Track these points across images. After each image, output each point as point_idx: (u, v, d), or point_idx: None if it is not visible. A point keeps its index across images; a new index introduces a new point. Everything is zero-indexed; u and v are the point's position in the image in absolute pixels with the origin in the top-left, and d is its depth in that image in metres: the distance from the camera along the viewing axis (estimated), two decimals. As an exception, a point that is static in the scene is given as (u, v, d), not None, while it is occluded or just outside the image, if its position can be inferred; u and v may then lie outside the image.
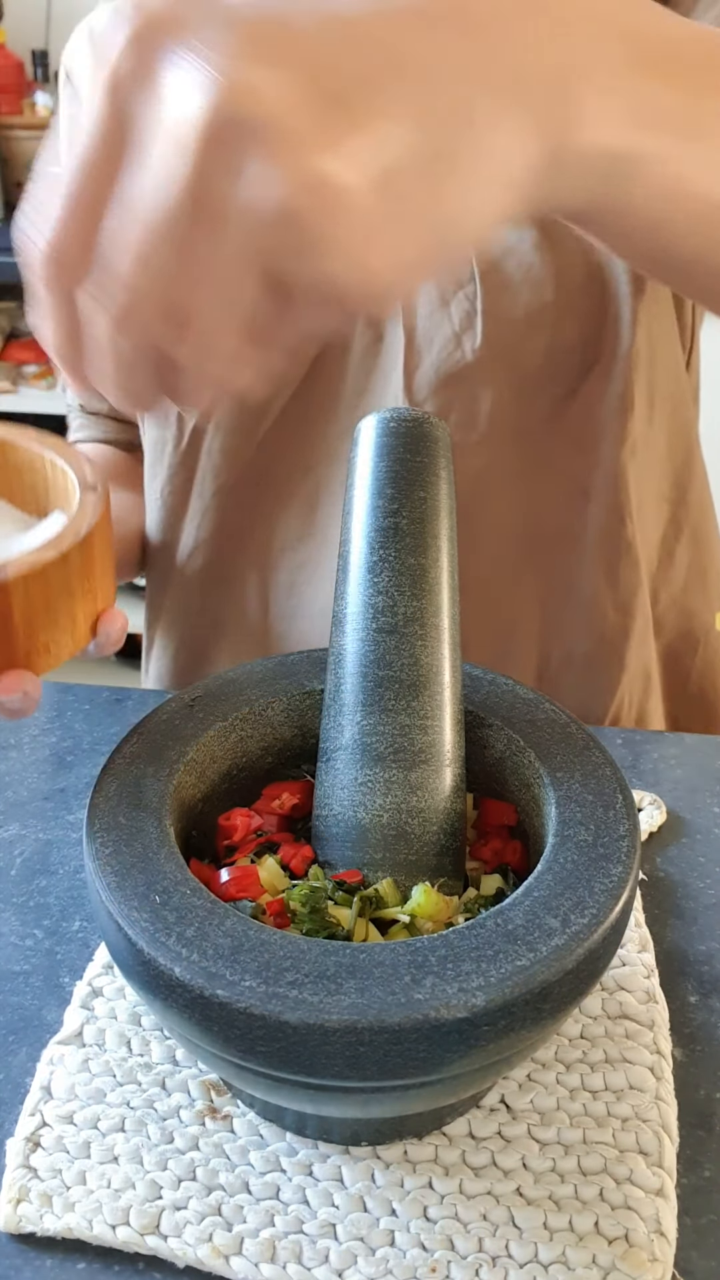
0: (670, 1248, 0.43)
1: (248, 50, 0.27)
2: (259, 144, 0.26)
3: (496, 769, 0.52)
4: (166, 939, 0.40)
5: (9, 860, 0.62)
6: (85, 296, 0.30)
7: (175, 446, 0.78)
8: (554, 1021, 0.40)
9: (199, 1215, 0.44)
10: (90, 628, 0.54)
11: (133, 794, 0.47)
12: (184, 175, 0.27)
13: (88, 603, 0.54)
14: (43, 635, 0.51)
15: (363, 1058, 0.37)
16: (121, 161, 0.29)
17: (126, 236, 0.28)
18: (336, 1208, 0.44)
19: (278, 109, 0.26)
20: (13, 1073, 0.50)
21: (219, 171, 0.27)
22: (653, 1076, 0.49)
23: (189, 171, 0.27)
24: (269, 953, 0.40)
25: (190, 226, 0.28)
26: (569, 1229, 0.43)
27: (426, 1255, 0.43)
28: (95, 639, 0.54)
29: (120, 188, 0.29)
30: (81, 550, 0.51)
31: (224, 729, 0.52)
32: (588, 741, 0.50)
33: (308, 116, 0.27)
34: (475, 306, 0.66)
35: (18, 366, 2.32)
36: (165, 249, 0.28)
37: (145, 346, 0.30)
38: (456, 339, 0.68)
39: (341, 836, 0.49)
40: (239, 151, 0.27)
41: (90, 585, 0.54)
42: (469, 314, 0.67)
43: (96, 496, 0.54)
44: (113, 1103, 0.48)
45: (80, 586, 0.53)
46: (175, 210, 0.27)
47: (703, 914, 0.59)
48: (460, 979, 0.38)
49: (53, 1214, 0.44)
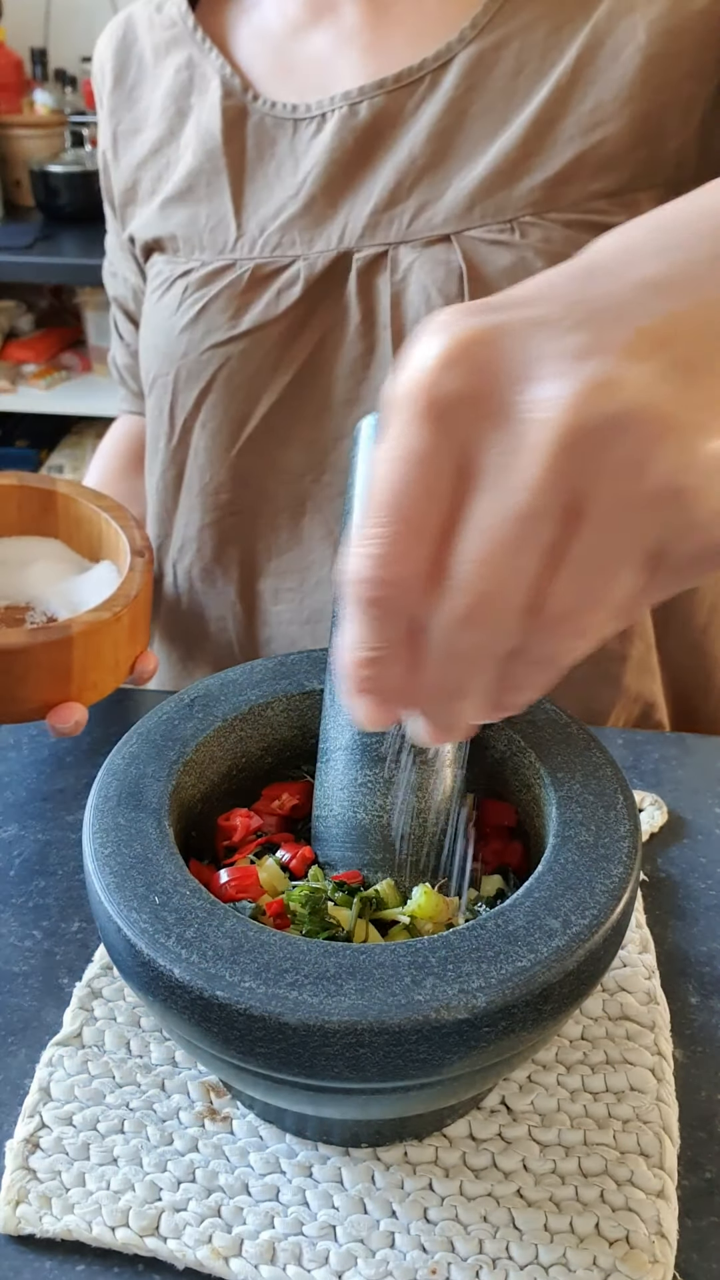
0: (671, 1249, 0.43)
1: (587, 344, 0.27)
2: (629, 435, 0.26)
3: (497, 769, 0.52)
4: (166, 940, 0.40)
5: (8, 861, 0.62)
6: (419, 616, 0.30)
7: (167, 443, 0.78)
8: (555, 1023, 0.40)
9: (198, 1217, 0.44)
10: (130, 668, 0.67)
11: (133, 794, 0.47)
12: (546, 482, 0.26)
13: (130, 649, 0.67)
14: (93, 675, 0.64)
15: (363, 1059, 0.37)
16: (463, 480, 0.28)
17: (483, 552, 0.28)
18: (336, 1209, 0.44)
19: (642, 397, 0.26)
20: (11, 1074, 0.50)
21: (585, 471, 0.26)
22: (654, 1078, 0.49)
23: (551, 478, 0.26)
24: (269, 954, 0.40)
25: (556, 529, 0.27)
26: (570, 1231, 0.43)
27: (426, 1257, 0.42)
28: (132, 675, 0.67)
29: (469, 507, 0.28)
30: (130, 610, 0.64)
31: (224, 729, 0.52)
32: (588, 742, 0.50)
33: (673, 396, 0.26)
34: None
35: (17, 366, 2.32)
36: (529, 555, 0.27)
37: (490, 644, 0.29)
38: None
39: (341, 837, 0.49)
40: (605, 446, 0.26)
41: (134, 637, 0.66)
42: None
43: (144, 561, 0.67)
44: (112, 1104, 0.48)
45: (126, 638, 0.65)
46: (539, 518, 0.27)
47: (704, 915, 0.59)
48: (461, 980, 0.38)
49: (52, 1216, 0.44)
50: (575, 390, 0.26)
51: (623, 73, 0.65)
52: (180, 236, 0.76)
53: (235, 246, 0.73)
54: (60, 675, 0.62)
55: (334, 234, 0.70)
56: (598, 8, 0.66)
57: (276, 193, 0.72)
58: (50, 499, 0.73)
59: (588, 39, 0.65)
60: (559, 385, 0.26)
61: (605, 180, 0.66)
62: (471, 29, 0.68)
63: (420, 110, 0.69)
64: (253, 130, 0.74)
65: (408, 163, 0.69)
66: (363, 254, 0.69)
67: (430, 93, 0.68)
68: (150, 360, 0.78)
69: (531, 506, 0.27)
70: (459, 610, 0.29)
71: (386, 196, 0.69)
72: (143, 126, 0.80)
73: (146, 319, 0.78)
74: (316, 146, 0.71)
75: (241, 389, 0.73)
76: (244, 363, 0.72)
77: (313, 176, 0.71)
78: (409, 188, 0.69)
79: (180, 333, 0.73)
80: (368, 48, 0.72)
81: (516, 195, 0.66)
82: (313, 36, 0.74)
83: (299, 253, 0.71)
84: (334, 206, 0.71)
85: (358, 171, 0.70)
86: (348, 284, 0.70)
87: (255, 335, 0.71)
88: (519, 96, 0.67)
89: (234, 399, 0.73)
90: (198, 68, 0.76)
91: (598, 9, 0.66)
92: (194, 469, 0.77)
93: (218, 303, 0.72)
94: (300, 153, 0.72)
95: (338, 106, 0.70)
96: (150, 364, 0.78)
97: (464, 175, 0.67)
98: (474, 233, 0.67)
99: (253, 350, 0.71)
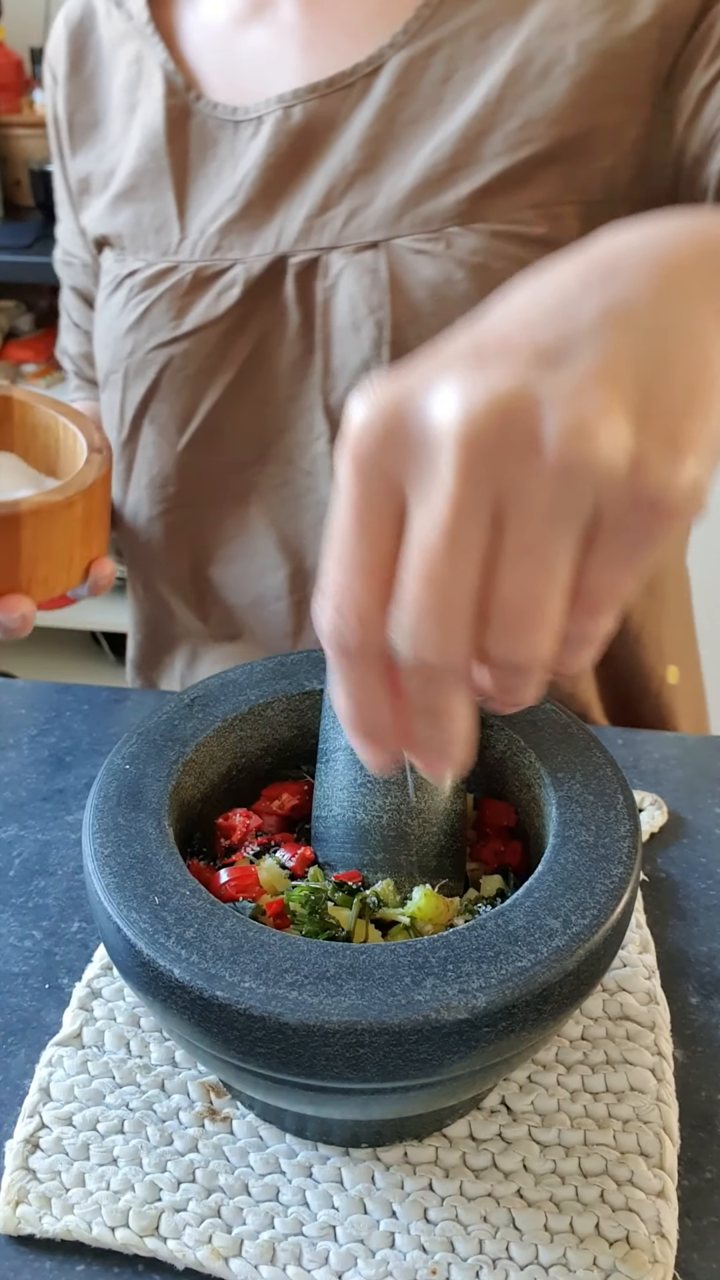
0: (671, 1249, 0.43)
1: (469, 372, 0.30)
2: (517, 422, 0.29)
3: (497, 769, 0.52)
4: (166, 940, 0.40)
5: (8, 861, 0.62)
6: (388, 651, 0.32)
7: (118, 436, 0.80)
8: (555, 1023, 0.40)
9: (198, 1217, 0.44)
10: (84, 571, 0.64)
11: (132, 794, 0.47)
12: (463, 489, 0.29)
13: (84, 548, 0.63)
14: (43, 568, 0.61)
15: (363, 1059, 0.37)
16: (400, 518, 0.31)
17: (421, 567, 0.30)
18: (336, 1209, 0.44)
19: (517, 388, 0.29)
20: (11, 1074, 0.50)
21: (494, 469, 0.29)
22: (654, 1078, 0.49)
23: (466, 483, 0.29)
24: (269, 954, 0.40)
25: (486, 532, 0.29)
26: (570, 1231, 0.43)
27: (427, 1257, 0.42)
28: (87, 581, 0.64)
29: (406, 534, 0.30)
30: (85, 499, 0.61)
31: (224, 729, 0.52)
32: (589, 742, 0.50)
33: (544, 379, 0.29)
34: (383, 333, 0.68)
35: (17, 366, 2.31)
36: (465, 561, 0.29)
37: (450, 655, 0.31)
38: (366, 364, 0.69)
39: (341, 837, 0.49)
40: (503, 439, 0.29)
41: (88, 533, 0.63)
42: (377, 340, 0.68)
43: (101, 457, 0.64)
44: (112, 1104, 0.48)
45: (80, 532, 0.62)
46: (466, 523, 0.29)
47: (704, 915, 0.59)
48: (461, 980, 0.38)
49: (51, 1216, 0.44)
50: (463, 403, 0.29)
51: (551, 93, 0.65)
52: (126, 235, 0.77)
53: (178, 248, 0.74)
54: (8, 559, 0.59)
55: (270, 238, 0.71)
56: (528, 19, 0.66)
57: (217, 194, 0.73)
58: (6, 406, 0.71)
59: (518, 55, 0.65)
60: (451, 405, 0.29)
61: (532, 194, 0.66)
62: (404, 34, 0.68)
63: (353, 115, 0.69)
64: (195, 130, 0.75)
65: (340, 168, 0.69)
66: (297, 258, 0.70)
67: (362, 98, 0.69)
68: (102, 357, 0.80)
69: (455, 513, 0.29)
70: (409, 628, 0.30)
71: (320, 202, 0.70)
72: (100, 120, 0.80)
73: (98, 316, 0.80)
74: (253, 149, 0.72)
75: (186, 386, 0.74)
76: (187, 362, 0.74)
77: (249, 180, 0.72)
78: (341, 193, 0.69)
79: (127, 332, 0.75)
80: (306, 46, 0.72)
81: (444, 205, 0.67)
82: (253, 30, 0.74)
83: (238, 256, 0.72)
84: (270, 210, 0.71)
85: (293, 175, 0.71)
86: (284, 287, 0.71)
87: (197, 336, 0.73)
88: (448, 104, 0.67)
89: (179, 396, 0.75)
90: (145, 61, 0.77)
91: (528, 21, 0.66)
92: (143, 462, 0.79)
93: (161, 304, 0.74)
94: (239, 154, 0.73)
95: (273, 110, 0.71)
96: (102, 361, 0.80)
97: (394, 183, 0.68)
98: (402, 241, 0.67)
99: (195, 350, 0.73)
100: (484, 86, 0.66)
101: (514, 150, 0.65)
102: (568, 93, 0.64)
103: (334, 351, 0.70)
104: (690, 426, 0.30)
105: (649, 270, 0.32)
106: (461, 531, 0.29)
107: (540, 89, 0.65)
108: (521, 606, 0.30)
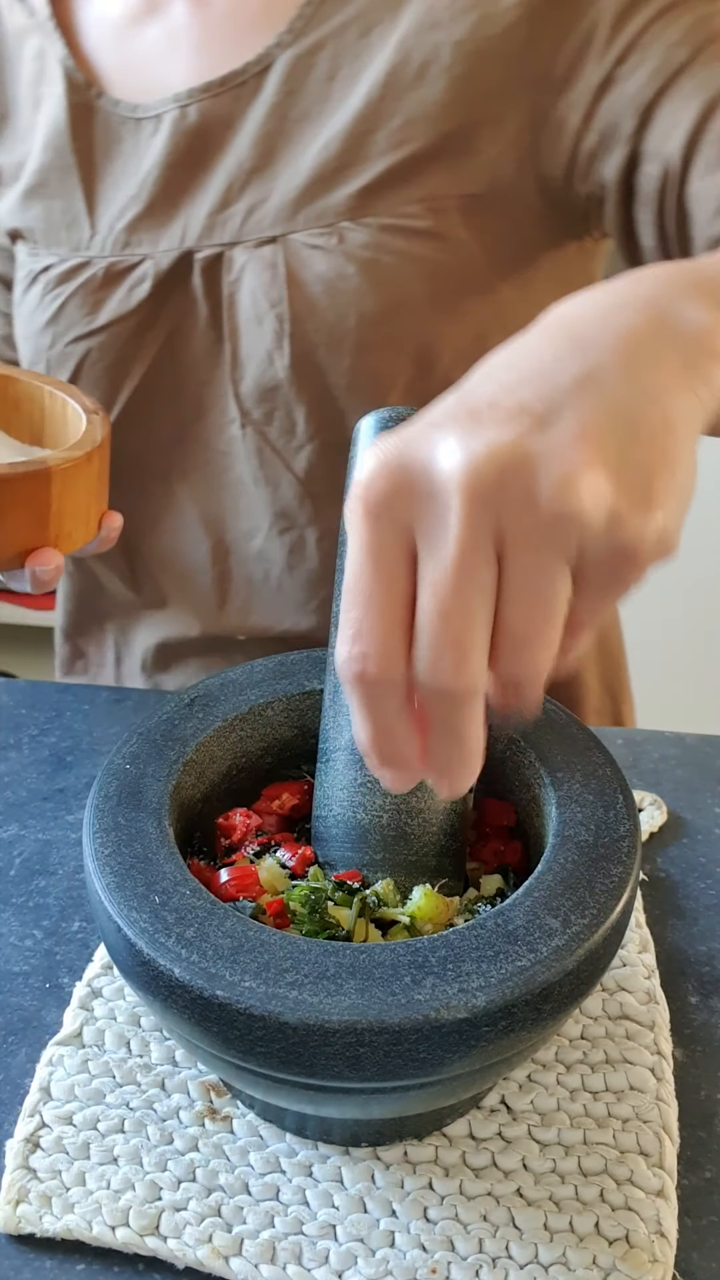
0: (671, 1249, 0.43)
1: (470, 428, 0.34)
2: (517, 476, 0.33)
3: (497, 769, 0.52)
4: (166, 940, 0.40)
5: (8, 861, 0.62)
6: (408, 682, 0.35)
7: None
8: (554, 1022, 0.40)
9: (199, 1216, 0.44)
10: (98, 524, 0.68)
11: (133, 794, 0.47)
12: (468, 532, 0.33)
13: (99, 503, 0.68)
14: (69, 522, 0.65)
15: (363, 1058, 0.37)
16: (411, 559, 0.34)
17: (436, 605, 0.33)
18: (336, 1209, 0.44)
19: (516, 447, 0.33)
20: (12, 1074, 0.50)
21: (496, 514, 0.33)
22: (653, 1077, 0.49)
23: (471, 527, 0.33)
24: (269, 953, 0.40)
25: (492, 570, 0.33)
26: (569, 1230, 0.43)
27: (426, 1256, 0.43)
28: (100, 533, 0.68)
29: (420, 575, 0.34)
30: (100, 455, 0.66)
31: (224, 729, 0.52)
32: (588, 741, 0.50)
33: (538, 440, 0.33)
34: (284, 326, 0.71)
35: (17, 366, 2.31)
36: (475, 596, 0.33)
37: (469, 680, 0.34)
38: (269, 355, 0.72)
39: (341, 837, 0.49)
40: (503, 489, 0.33)
41: (101, 488, 0.68)
42: (278, 333, 0.71)
43: (100, 417, 0.68)
44: (112, 1104, 0.48)
45: (95, 487, 0.67)
46: (472, 563, 0.33)
47: (703, 914, 0.59)
48: (461, 979, 0.38)
49: (52, 1215, 0.44)
50: (466, 455, 0.33)
51: (429, 92, 0.67)
52: (38, 230, 0.79)
53: (89, 244, 0.76)
54: (40, 515, 0.63)
55: (176, 234, 0.74)
56: (404, 16, 0.68)
57: (122, 190, 0.75)
58: None
59: (396, 53, 0.68)
60: (456, 457, 0.33)
61: (416, 189, 0.69)
62: (289, 33, 0.70)
63: (247, 113, 0.72)
64: (99, 127, 0.76)
65: (236, 166, 0.72)
66: (203, 254, 0.73)
67: (254, 96, 0.71)
68: (24, 349, 0.82)
69: (463, 555, 0.33)
70: (429, 658, 0.34)
71: (220, 199, 0.72)
72: (8, 113, 0.81)
73: (17, 310, 0.82)
74: (154, 147, 0.74)
75: (105, 376, 0.77)
76: (104, 354, 0.76)
77: (152, 177, 0.74)
78: (239, 190, 0.72)
79: (45, 327, 0.78)
80: (198, 45, 0.74)
81: (335, 201, 0.69)
82: (149, 29, 0.76)
83: (146, 251, 0.74)
84: (174, 206, 0.74)
85: (193, 173, 0.73)
86: (192, 281, 0.74)
87: (112, 329, 0.75)
88: (334, 101, 0.70)
89: (98, 386, 0.78)
90: (46, 57, 0.78)
91: (404, 18, 0.68)
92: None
93: (75, 299, 0.76)
94: (142, 152, 0.75)
95: (170, 109, 0.73)
96: (24, 352, 0.81)
97: (288, 180, 0.70)
98: (298, 236, 0.70)
99: (110, 343, 0.76)
100: (366, 84, 0.69)
101: (397, 148, 0.68)
102: (444, 91, 0.67)
103: (241, 342, 0.73)
104: (659, 484, 0.34)
105: (612, 342, 0.36)
106: (469, 569, 0.33)
107: (418, 89, 0.68)
108: (526, 632, 0.34)
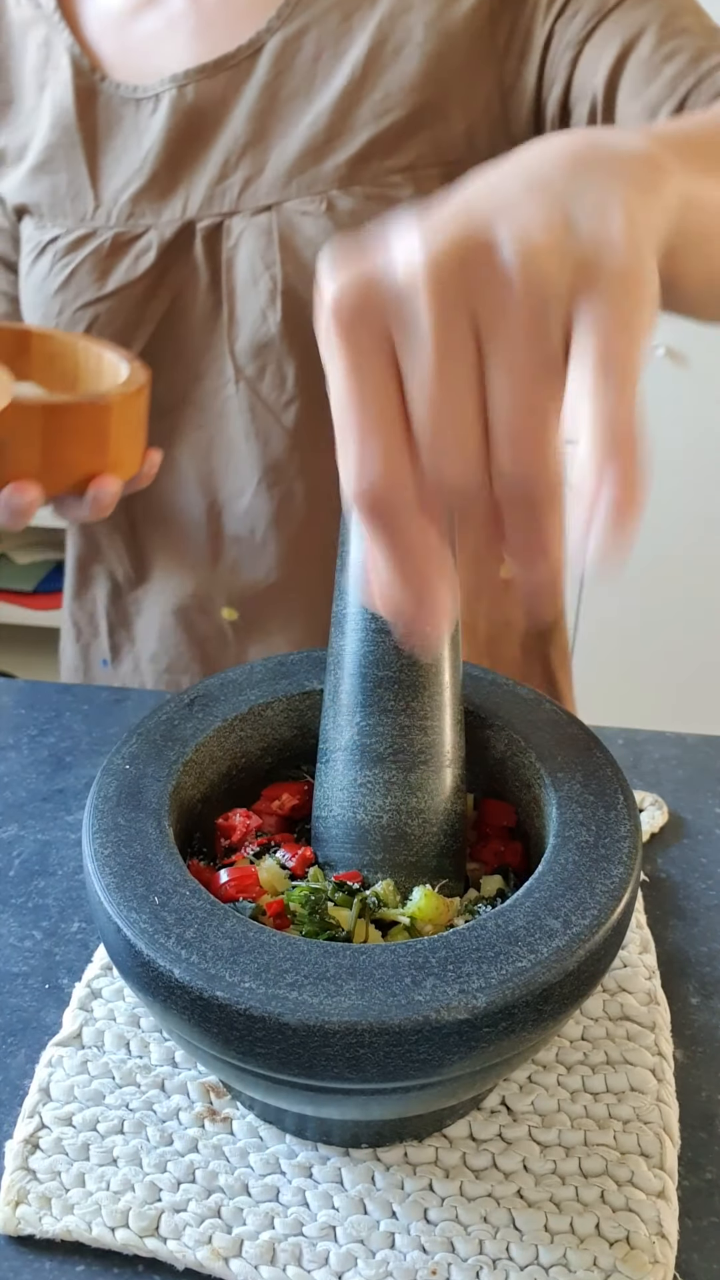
0: (672, 1250, 0.43)
1: (417, 221, 0.34)
2: (470, 239, 0.33)
3: (497, 769, 0.52)
4: (166, 940, 0.40)
5: (8, 861, 0.62)
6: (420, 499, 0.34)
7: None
8: (555, 1023, 0.40)
9: (198, 1217, 0.44)
10: (141, 459, 0.74)
11: (132, 794, 0.47)
12: (440, 316, 0.32)
13: (143, 437, 0.74)
14: (124, 452, 0.71)
15: (363, 1059, 0.37)
16: (394, 365, 0.33)
17: (427, 408, 0.32)
18: (336, 1210, 0.44)
19: (462, 215, 0.33)
20: (11, 1075, 0.50)
21: (462, 289, 0.32)
22: (654, 1078, 0.49)
23: (440, 311, 0.32)
24: (269, 954, 0.40)
25: (473, 354, 0.32)
26: (570, 1231, 0.43)
27: (427, 1258, 0.42)
28: (142, 469, 0.75)
29: (404, 380, 0.33)
30: (145, 393, 0.72)
31: (224, 729, 0.52)
32: (589, 742, 0.50)
33: (486, 200, 0.34)
34: (277, 285, 0.77)
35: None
36: (461, 385, 0.32)
37: (473, 480, 0.33)
38: (263, 313, 0.79)
39: (341, 838, 0.49)
40: (462, 260, 0.32)
41: (145, 425, 0.74)
42: (272, 291, 0.78)
43: (140, 363, 0.75)
44: (111, 1105, 0.48)
45: (141, 420, 0.73)
46: (451, 347, 0.32)
47: (704, 915, 0.59)
48: (461, 980, 0.38)
49: (51, 1216, 0.44)
50: (423, 246, 0.33)
51: (405, 67, 0.76)
52: (44, 204, 0.85)
53: (95, 215, 0.83)
54: (100, 442, 0.69)
55: (178, 205, 0.80)
56: (380, 2, 0.76)
57: (125, 166, 0.82)
58: (25, 339, 0.80)
59: (374, 35, 0.76)
60: (414, 251, 0.33)
61: (398, 159, 0.76)
62: (277, 19, 0.78)
63: (240, 92, 0.79)
64: (102, 108, 0.83)
65: (233, 140, 0.79)
66: (204, 223, 0.80)
67: (247, 77, 0.78)
68: (32, 318, 0.86)
69: (440, 343, 0.32)
70: (432, 464, 0.33)
71: (218, 171, 0.79)
72: (13, 98, 0.87)
73: (25, 281, 0.87)
74: (155, 124, 0.81)
75: (112, 341, 0.82)
76: (112, 319, 0.82)
77: (153, 153, 0.81)
78: (236, 163, 0.79)
79: (55, 294, 0.83)
80: (193, 32, 0.81)
81: (324, 172, 0.77)
82: (148, 17, 0.83)
83: (150, 222, 0.81)
84: (175, 179, 0.80)
85: (192, 148, 0.80)
86: (194, 249, 0.80)
87: (119, 295, 0.82)
88: (320, 80, 0.77)
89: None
90: (53, 46, 0.85)
91: (380, 4, 0.76)
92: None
93: (85, 267, 0.82)
94: (143, 130, 0.82)
95: (168, 88, 0.80)
96: (32, 320, 0.86)
97: (281, 152, 0.78)
98: (291, 204, 0.77)
99: (118, 308, 0.82)
100: (349, 64, 0.76)
101: (379, 119, 0.76)
102: (419, 66, 0.75)
103: (238, 303, 0.80)
104: (615, 218, 0.34)
105: (555, 160, 0.37)
106: (454, 357, 0.32)
107: (396, 64, 0.76)
108: (525, 389, 0.32)
